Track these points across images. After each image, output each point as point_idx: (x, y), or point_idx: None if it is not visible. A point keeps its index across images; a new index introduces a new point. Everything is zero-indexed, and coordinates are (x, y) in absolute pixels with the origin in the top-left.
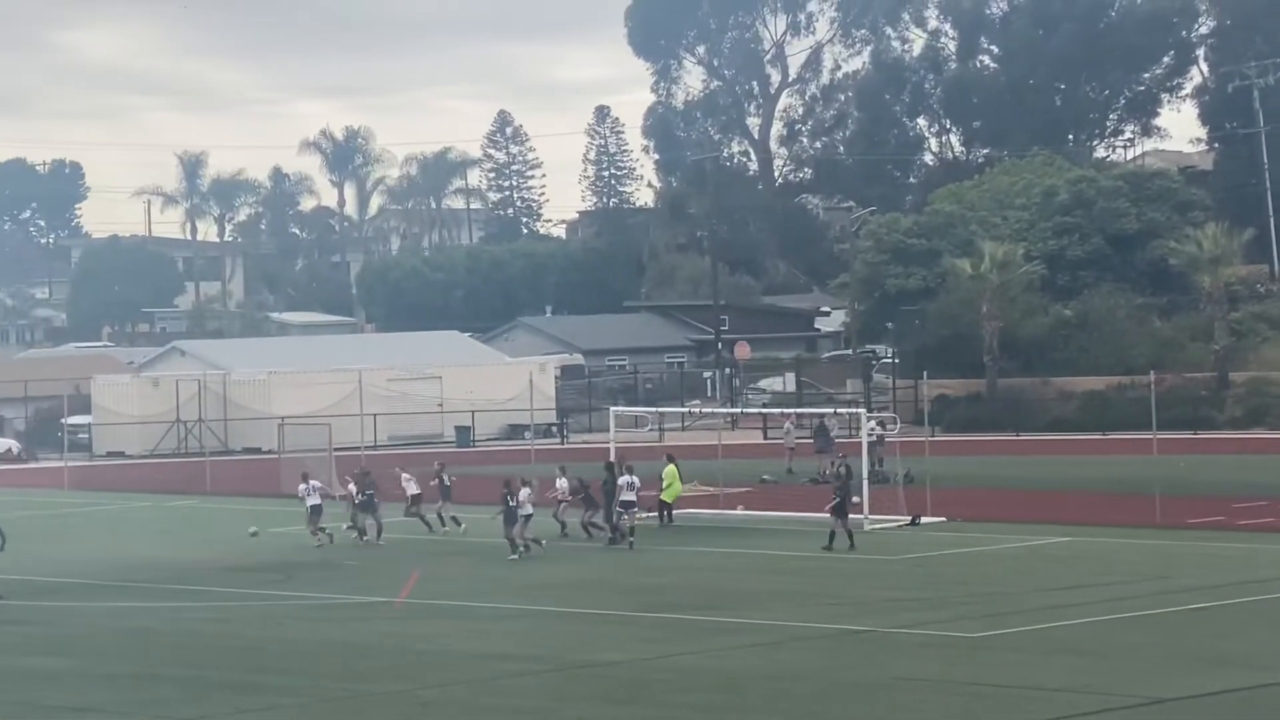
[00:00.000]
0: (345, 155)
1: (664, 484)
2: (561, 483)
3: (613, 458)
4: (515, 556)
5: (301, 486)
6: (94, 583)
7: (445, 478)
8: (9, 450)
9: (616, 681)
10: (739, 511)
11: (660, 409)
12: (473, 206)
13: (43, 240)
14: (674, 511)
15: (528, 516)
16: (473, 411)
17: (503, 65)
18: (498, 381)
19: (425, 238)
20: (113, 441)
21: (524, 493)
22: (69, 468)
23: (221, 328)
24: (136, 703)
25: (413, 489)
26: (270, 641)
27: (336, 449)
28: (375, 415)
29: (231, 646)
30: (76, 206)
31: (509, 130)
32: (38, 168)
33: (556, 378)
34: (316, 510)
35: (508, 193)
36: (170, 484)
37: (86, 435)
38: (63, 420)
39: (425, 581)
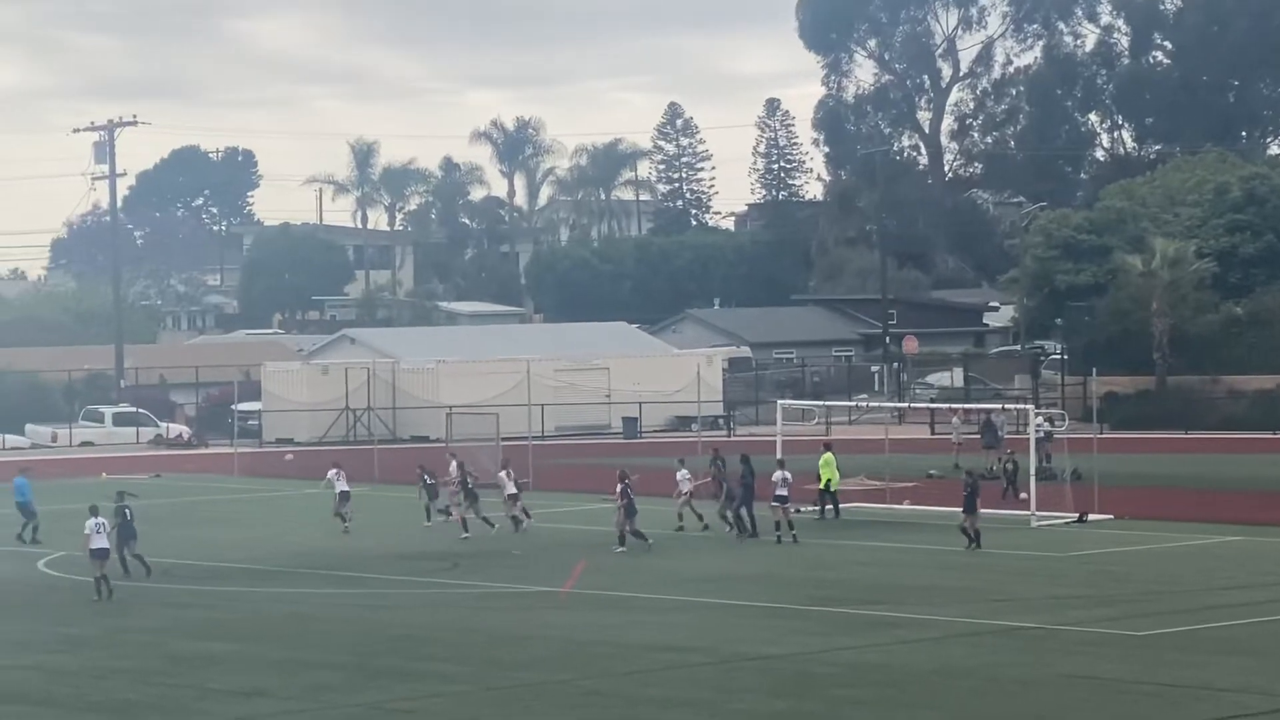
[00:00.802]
0: (516, 146)
1: (821, 474)
2: (682, 474)
3: (778, 453)
4: (622, 549)
5: (330, 472)
6: (262, 568)
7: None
8: (180, 435)
9: (780, 675)
10: (905, 506)
11: (827, 402)
12: (642, 198)
13: (215, 227)
14: (840, 505)
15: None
16: (640, 403)
17: (674, 57)
18: (665, 373)
19: (594, 229)
20: (282, 428)
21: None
22: (238, 454)
23: (391, 316)
24: (302, 688)
25: (510, 488)
26: (435, 629)
27: (503, 439)
28: (543, 405)
29: (396, 634)
30: (249, 194)
31: (679, 122)
32: (211, 155)
33: (724, 370)
34: (345, 496)
35: (677, 184)
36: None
37: (256, 422)
38: (233, 406)
39: (590, 572)
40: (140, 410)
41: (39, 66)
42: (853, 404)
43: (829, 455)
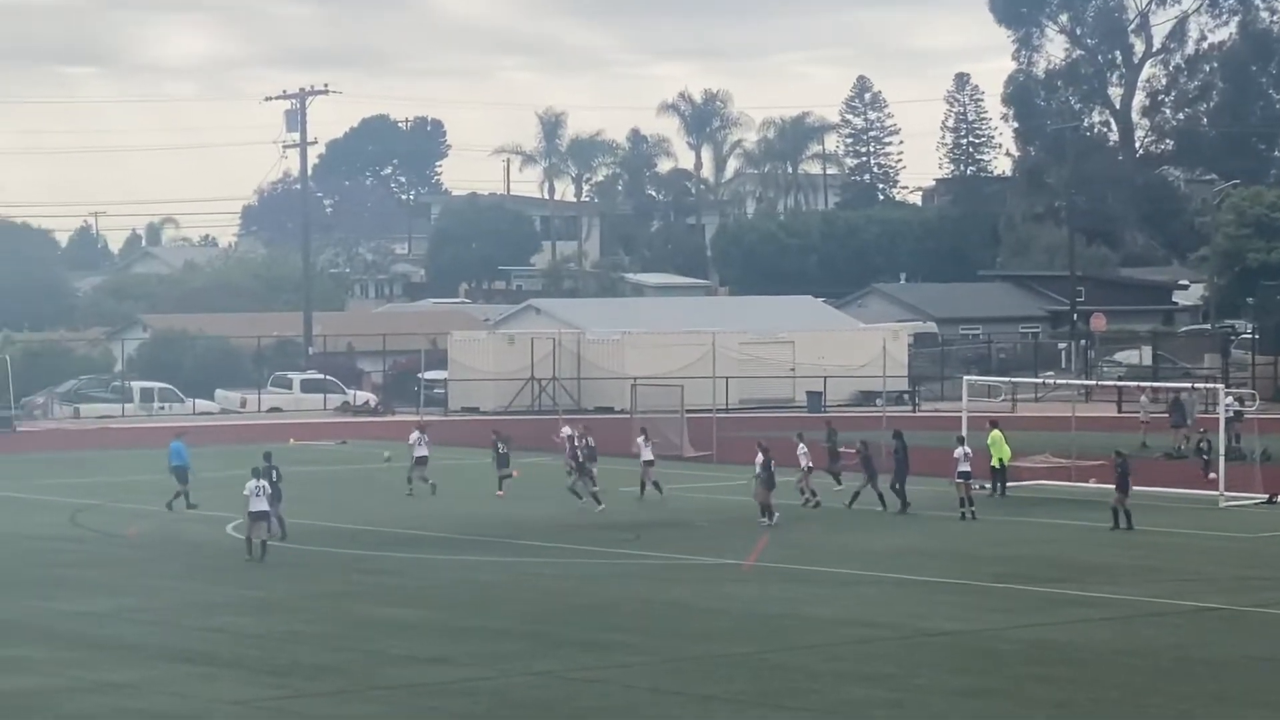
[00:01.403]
0: (703, 118)
1: (992, 452)
2: (801, 449)
3: (963, 430)
4: (770, 522)
5: (413, 435)
6: (447, 536)
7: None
8: (367, 403)
9: (964, 651)
10: (1091, 484)
11: (1013, 379)
12: (829, 172)
13: (403, 197)
14: (1017, 483)
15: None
16: (824, 377)
17: (863, 31)
18: (850, 348)
19: (780, 202)
20: (467, 397)
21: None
22: (424, 422)
23: (576, 287)
24: (485, 656)
25: (646, 454)
26: (618, 600)
27: (688, 411)
28: (727, 378)
29: (579, 604)
30: (437, 164)
31: (867, 96)
32: (400, 125)
33: (909, 345)
34: (422, 460)
35: (864, 158)
36: (523, 441)
37: (442, 390)
38: (419, 375)
39: (773, 546)
40: (328, 377)
41: (233, 35)
42: (1039, 381)
43: (996, 433)
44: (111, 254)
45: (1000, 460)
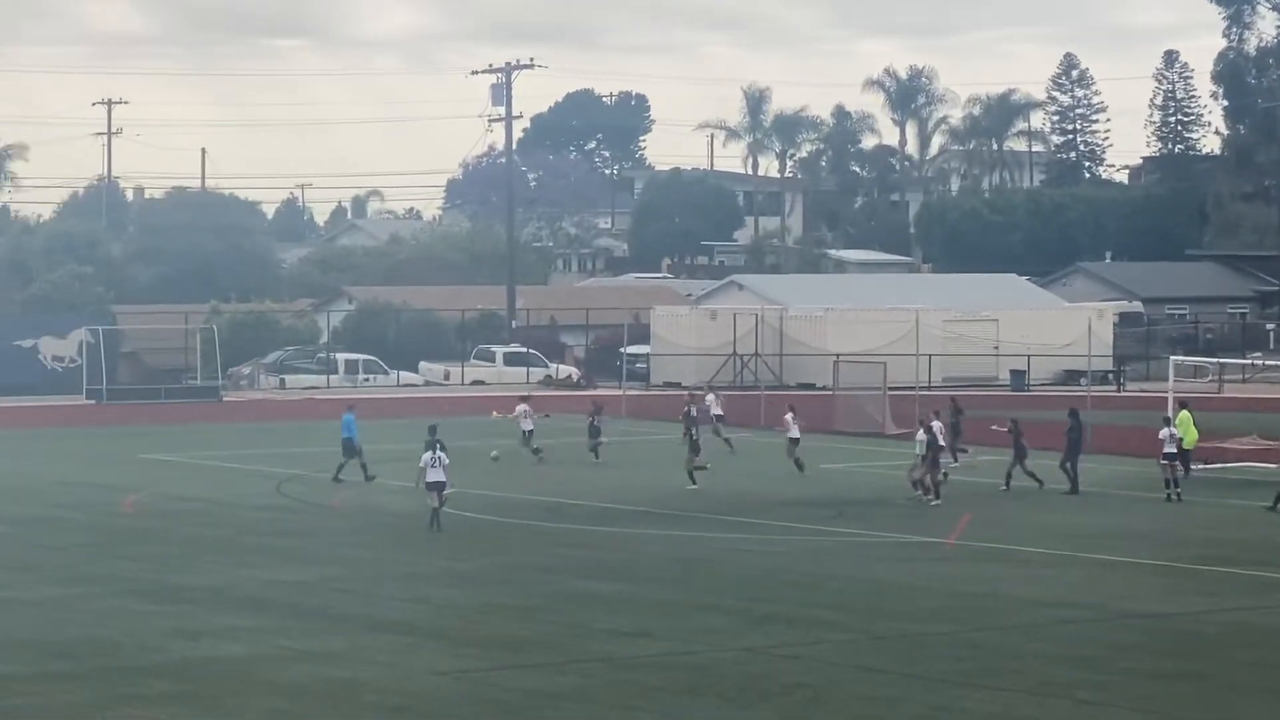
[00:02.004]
0: (908, 94)
1: (1180, 433)
2: (936, 425)
3: (1169, 411)
4: (937, 501)
5: (520, 406)
6: (646, 510)
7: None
8: (569, 376)
9: (1169, 634)
10: None
11: (1221, 359)
12: (1034, 149)
13: (607, 171)
14: (1224, 464)
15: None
16: (1028, 355)
17: (1069, 7)
18: (1054, 326)
19: (985, 179)
20: (669, 372)
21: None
22: (626, 396)
23: (779, 263)
24: (685, 630)
25: (794, 432)
26: (820, 577)
27: (890, 388)
28: (930, 356)
29: (782, 580)
30: (641, 138)
31: (1074, 73)
32: (604, 99)
33: (1114, 324)
34: (529, 434)
35: (1070, 136)
36: (725, 416)
37: (644, 365)
38: (621, 349)
39: (976, 524)
40: (531, 350)
41: (438, 9)
42: (1247, 362)
43: (1185, 414)
44: (317, 226)
45: (1187, 442)
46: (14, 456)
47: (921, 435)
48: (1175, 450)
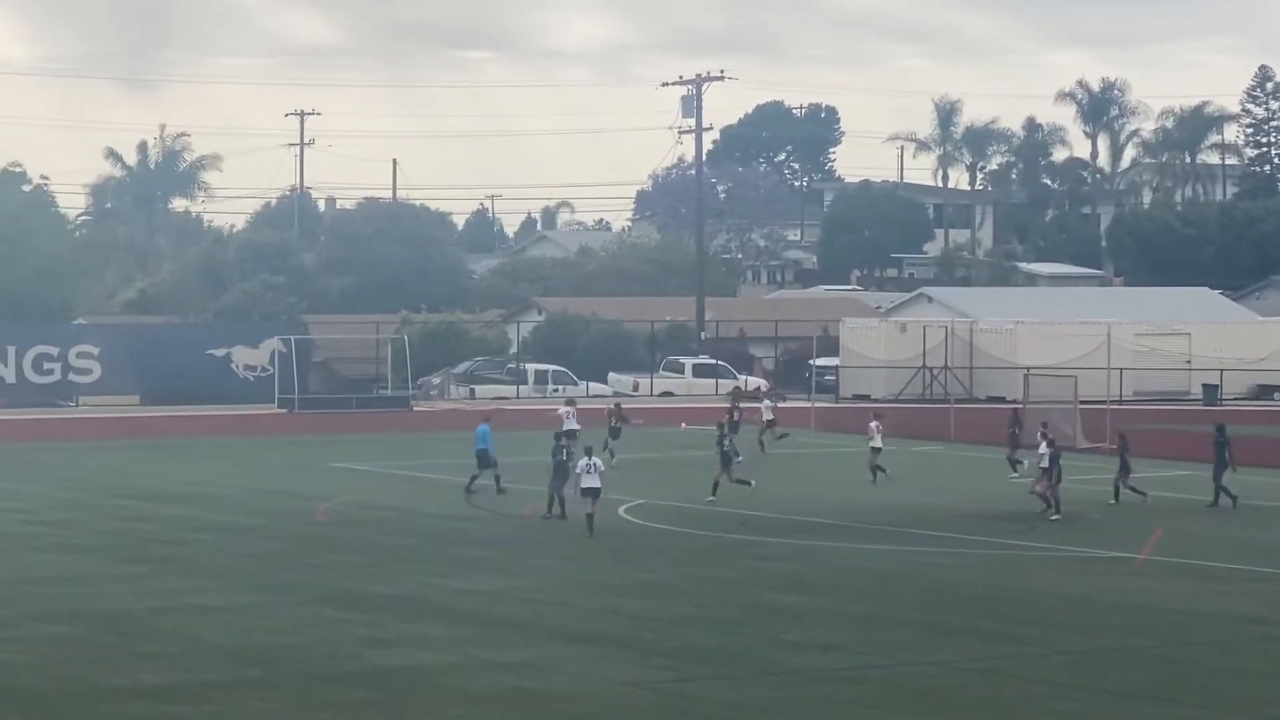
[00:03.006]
0: (1100, 107)
1: None
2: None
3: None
4: (1057, 515)
5: (562, 409)
6: (838, 523)
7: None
8: (758, 388)
9: None
10: None
11: None
12: (1228, 162)
13: (796, 183)
14: None
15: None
16: (1221, 370)
17: (1264, 18)
18: (1248, 340)
19: (1178, 192)
20: (858, 384)
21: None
22: (815, 408)
23: (969, 275)
24: (878, 644)
25: (876, 441)
26: (1011, 591)
27: (1081, 402)
28: (1121, 370)
29: (972, 594)
30: (830, 150)
31: (1269, 85)
32: (794, 111)
33: None
34: (572, 434)
35: (1265, 149)
36: (914, 429)
37: (833, 377)
38: (810, 361)
39: (1167, 539)
40: (719, 362)
41: (630, 21)
42: None
43: None
44: (507, 237)
45: None
46: (208, 464)
47: (1044, 449)
48: None
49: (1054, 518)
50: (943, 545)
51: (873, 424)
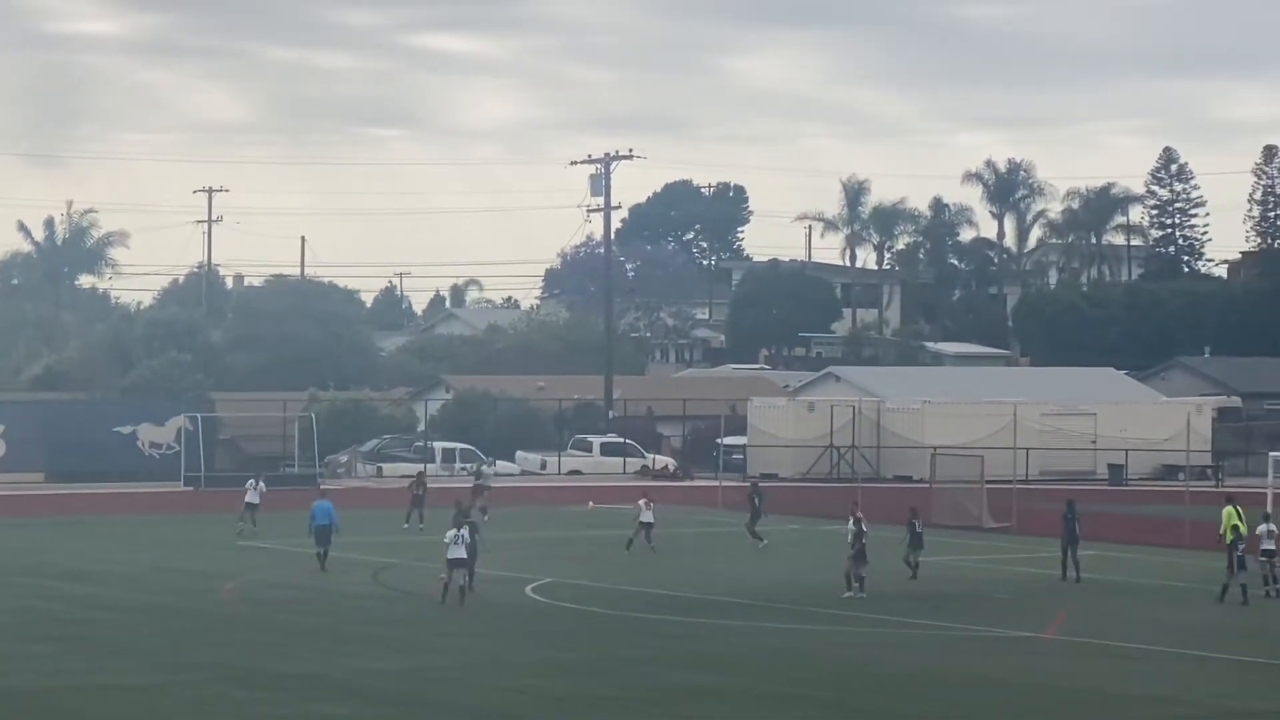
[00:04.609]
0: (1007, 187)
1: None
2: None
3: (1268, 507)
4: (862, 595)
5: (641, 500)
6: (748, 602)
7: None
8: (665, 467)
9: None
10: None
11: None
12: (1133, 243)
13: (705, 262)
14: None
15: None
16: (1126, 450)
17: (1168, 101)
18: (1152, 421)
19: (1084, 273)
20: (766, 463)
21: None
22: (722, 487)
23: (876, 355)
24: None
25: (646, 516)
26: (917, 670)
27: (988, 481)
28: (1028, 449)
29: (878, 673)
30: (739, 229)
31: (1173, 167)
32: (703, 190)
33: (1213, 420)
34: (649, 526)
35: (1170, 230)
36: (821, 508)
37: (741, 456)
38: (718, 440)
39: (1072, 618)
40: (627, 441)
41: (539, 99)
42: None
43: (1229, 509)
44: (415, 314)
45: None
46: (113, 543)
47: (850, 525)
48: (1274, 547)
49: (844, 595)
50: (851, 624)
51: (641, 501)
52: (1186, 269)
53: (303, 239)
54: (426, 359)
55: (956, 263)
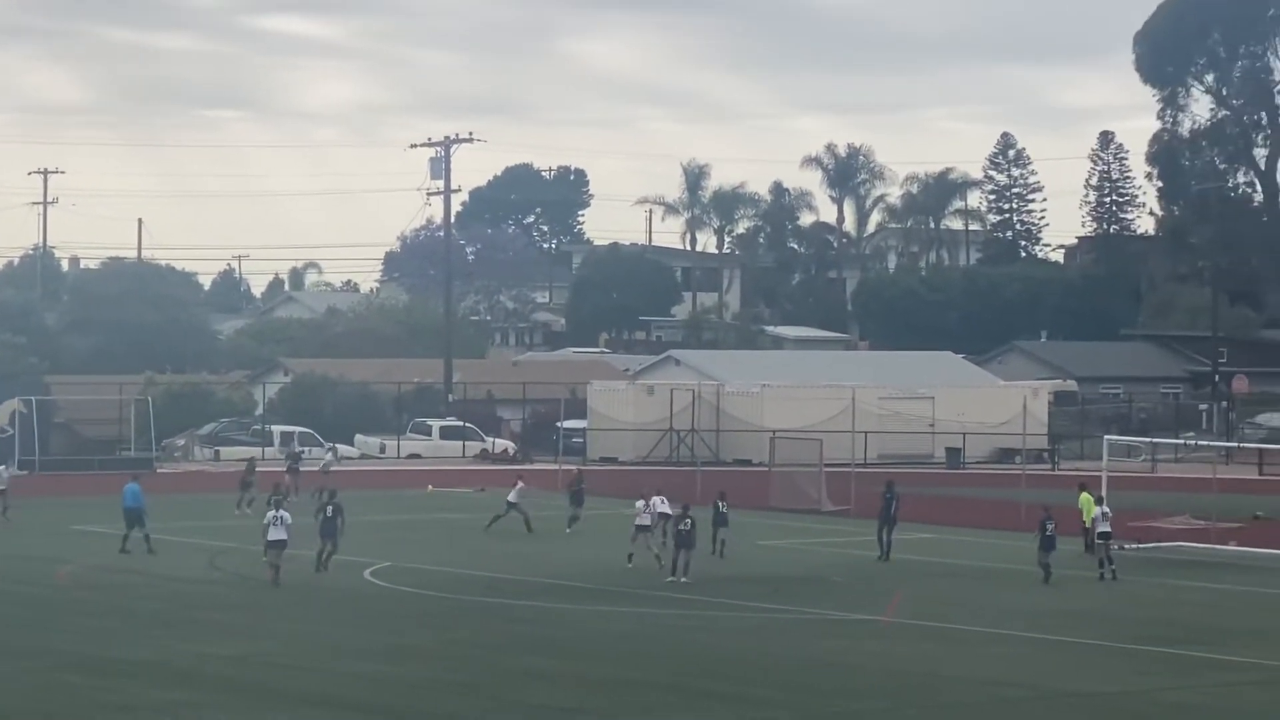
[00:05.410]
0: (846, 172)
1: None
2: (656, 500)
3: (1103, 490)
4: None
5: (519, 484)
6: (586, 586)
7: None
8: (505, 451)
9: (1105, 713)
10: (1231, 547)
11: (1153, 439)
12: (971, 228)
13: (545, 245)
14: (1157, 544)
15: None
16: (964, 433)
17: (1008, 87)
18: (990, 405)
19: (923, 257)
20: (606, 447)
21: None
22: (562, 471)
23: (716, 338)
24: (624, 707)
25: (512, 496)
26: (756, 653)
27: (826, 465)
28: (866, 433)
29: (718, 656)
30: (579, 213)
31: (1011, 153)
32: (544, 173)
33: (1049, 403)
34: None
35: (1007, 215)
36: (666, 492)
37: (581, 439)
38: (558, 424)
39: (909, 601)
40: (467, 425)
41: (380, 82)
42: (1179, 442)
43: (1084, 495)
44: (254, 298)
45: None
46: None
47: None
48: (1110, 530)
49: (668, 580)
50: (690, 608)
51: (519, 484)
52: (1024, 254)
53: (140, 221)
54: (265, 342)
55: (796, 247)
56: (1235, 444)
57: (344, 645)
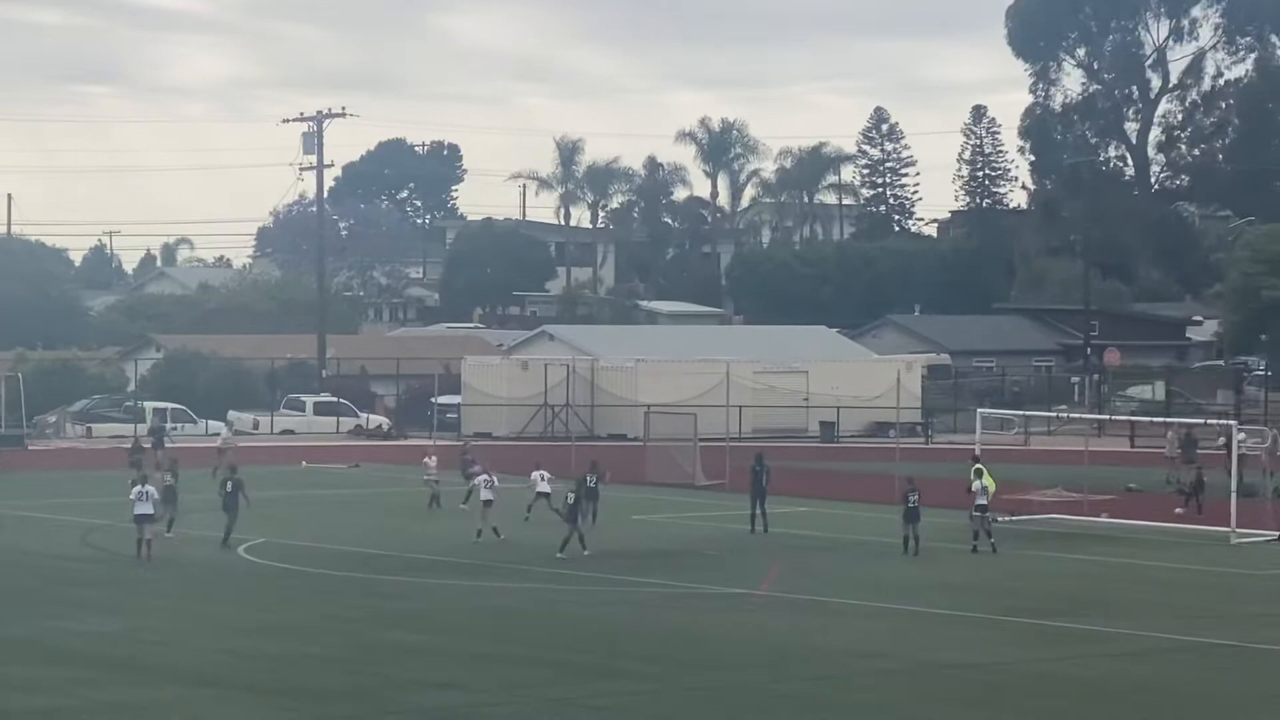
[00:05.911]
0: (720, 147)
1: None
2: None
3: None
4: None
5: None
6: (459, 561)
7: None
8: (379, 426)
9: (973, 684)
10: (1103, 519)
11: (1026, 412)
12: (845, 202)
13: (419, 220)
14: (1029, 516)
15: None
16: (838, 407)
17: (880, 62)
18: (864, 378)
19: (796, 232)
20: (480, 422)
21: None
22: (437, 446)
23: (591, 314)
24: (495, 682)
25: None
26: (631, 627)
27: (701, 439)
28: (740, 407)
29: (593, 631)
30: (453, 188)
31: (884, 127)
32: (417, 149)
33: (923, 377)
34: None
35: (880, 190)
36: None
37: (455, 415)
38: (432, 399)
39: (788, 575)
40: (341, 400)
41: (250, 57)
42: (1052, 414)
43: (980, 468)
44: (125, 274)
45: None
46: None
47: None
48: (986, 503)
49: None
50: (563, 583)
51: (427, 459)
52: (897, 228)
53: (9, 196)
54: (137, 318)
55: (670, 222)
56: (1107, 417)
57: (217, 622)
